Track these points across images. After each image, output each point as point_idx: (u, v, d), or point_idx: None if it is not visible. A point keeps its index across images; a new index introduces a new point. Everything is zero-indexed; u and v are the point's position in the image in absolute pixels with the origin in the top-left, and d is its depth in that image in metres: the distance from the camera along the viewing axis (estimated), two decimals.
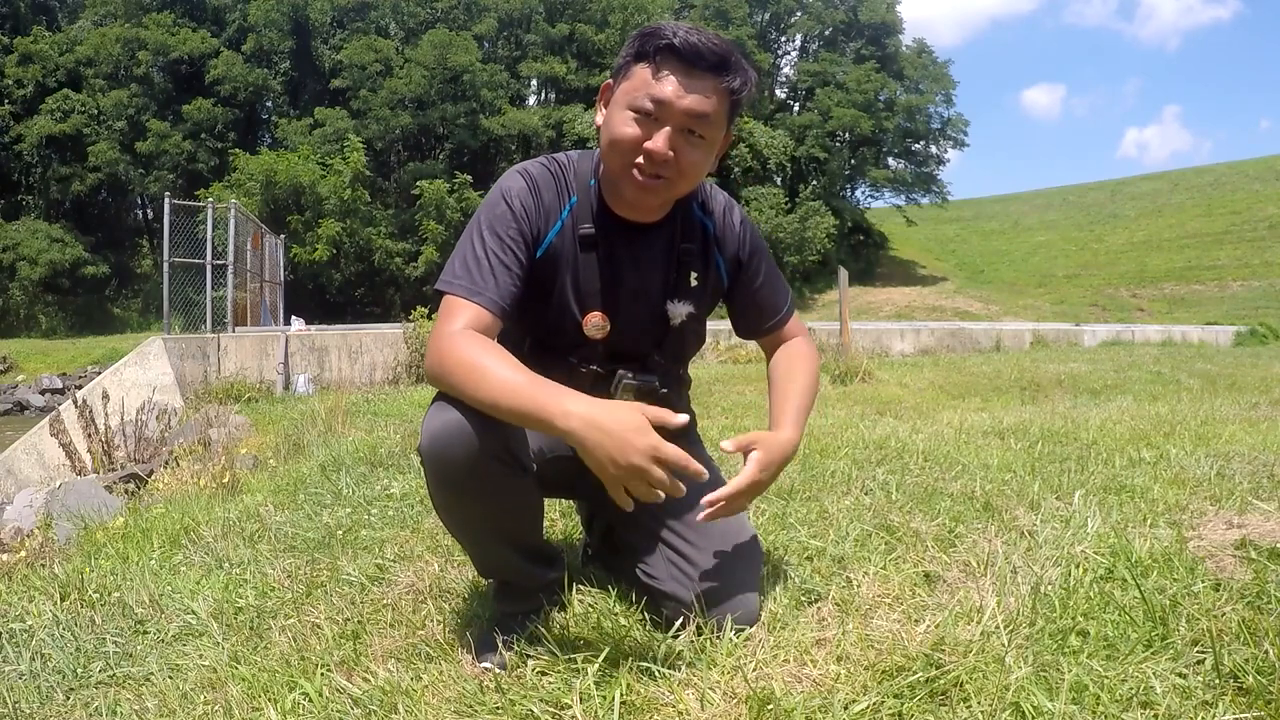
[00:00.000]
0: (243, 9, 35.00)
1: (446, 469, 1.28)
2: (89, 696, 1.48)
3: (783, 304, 1.63)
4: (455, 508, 1.36)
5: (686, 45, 1.31)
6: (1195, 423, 3.97)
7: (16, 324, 29.81)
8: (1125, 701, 1.14)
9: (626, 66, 1.37)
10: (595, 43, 36.00)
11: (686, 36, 1.31)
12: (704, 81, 1.33)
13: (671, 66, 1.32)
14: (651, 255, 1.48)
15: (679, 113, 1.32)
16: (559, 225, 1.44)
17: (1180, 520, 2.04)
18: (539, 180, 1.44)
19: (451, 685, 1.33)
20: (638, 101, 1.34)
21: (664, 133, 1.33)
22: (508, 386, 1.20)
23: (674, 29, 1.32)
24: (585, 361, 1.48)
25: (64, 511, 3.83)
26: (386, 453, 3.53)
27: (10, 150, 32.50)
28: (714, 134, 1.37)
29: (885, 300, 33.23)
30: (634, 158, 1.35)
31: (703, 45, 1.31)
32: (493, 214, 1.40)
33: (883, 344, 12.62)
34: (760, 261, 1.59)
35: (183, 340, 8.81)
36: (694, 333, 1.57)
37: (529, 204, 1.41)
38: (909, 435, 3.61)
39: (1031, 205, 54.95)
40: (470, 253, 1.37)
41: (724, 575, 1.46)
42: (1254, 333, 17.42)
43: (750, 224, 1.60)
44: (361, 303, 29.54)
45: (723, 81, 1.34)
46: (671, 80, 1.32)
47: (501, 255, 1.36)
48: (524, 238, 1.40)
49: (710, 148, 1.38)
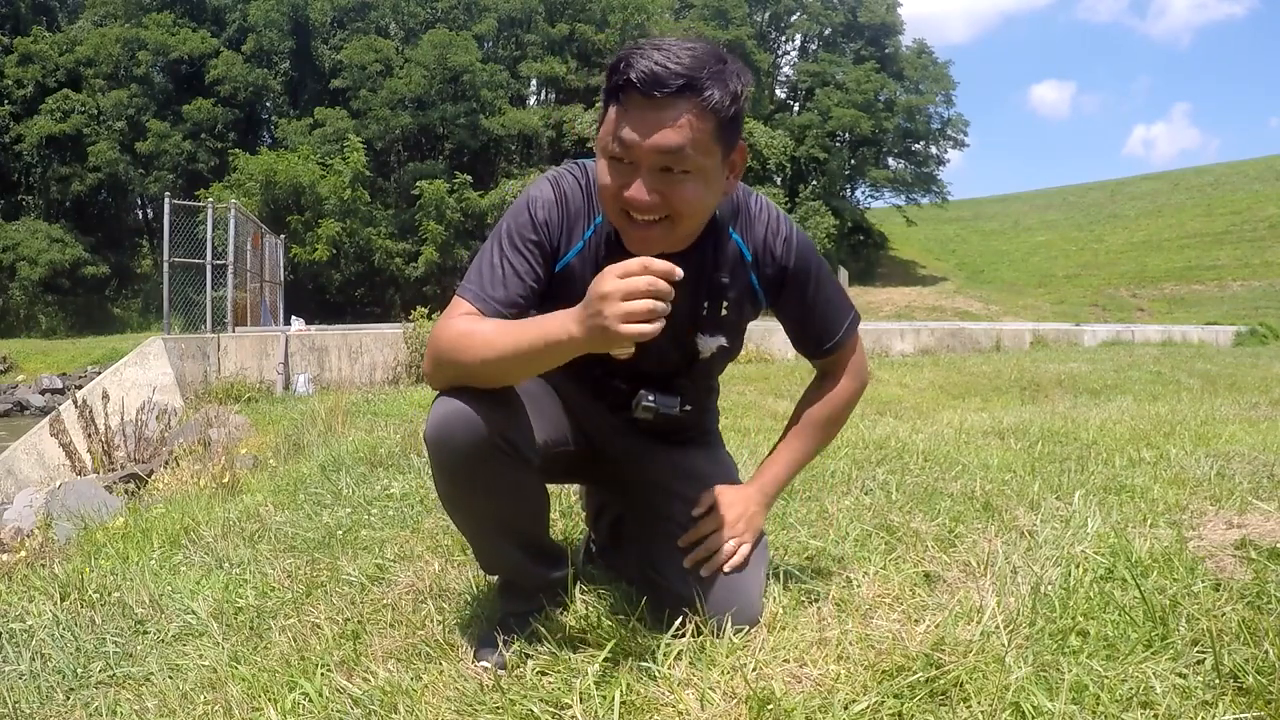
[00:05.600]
0: (243, 9, 34.99)
1: (449, 456, 1.29)
2: (89, 696, 1.48)
3: (830, 334, 1.50)
4: (458, 497, 1.37)
5: (643, 76, 1.18)
6: (1195, 423, 3.98)
7: (16, 324, 29.82)
8: (1125, 701, 1.14)
9: (605, 107, 1.28)
10: (595, 43, 35.99)
11: (644, 65, 1.18)
12: (672, 110, 1.20)
13: (634, 102, 1.21)
14: (679, 286, 1.37)
15: (648, 152, 1.21)
16: (580, 245, 1.39)
17: (1180, 520, 2.04)
18: (568, 194, 1.40)
19: (451, 685, 1.33)
20: (609, 147, 1.25)
21: (640, 177, 1.23)
22: (499, 331, 1.24)
23: (639, 55, 1.20)
24: (609, 376, 1.48)
25: (64, 511, 3.83)
26: (386, 453, 3.53)
27: (10, 150, 32.50)
28: (701, 162, 1.23)
29: (885, 300, 33.20)
30: (622, 205, 1.27)
31: (661, 70, 1.18)
32: (516, 221, 1.38)
33: (883, 344, 12.62)
34: (806, 284, 1.46)
35: (183, 340, 8.81)
36: (724, 360, 1.53)
37: (553, 216, 1.38)
38: (909, 435, 3.61)
39: (1032, 205, 54.98)
40: (487, 259, 1.36)
41: (728, 574, 1.46)
42: (1254, 333, 17.44)
43: (799, 244, 1.45)
44: (361, 303, 29.54)
45: (696, 102, 1.20)
46: (635, 117, 1.21)
47: (515, 264, 1.34)
48: (541, 249, 1.37)
49: (703, 177, 1.25)
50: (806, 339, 1.53)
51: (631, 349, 1.17)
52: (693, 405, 1.50)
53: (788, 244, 1.44)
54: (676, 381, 1.48)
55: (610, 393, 1.49)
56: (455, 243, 29.45)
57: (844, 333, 1.51)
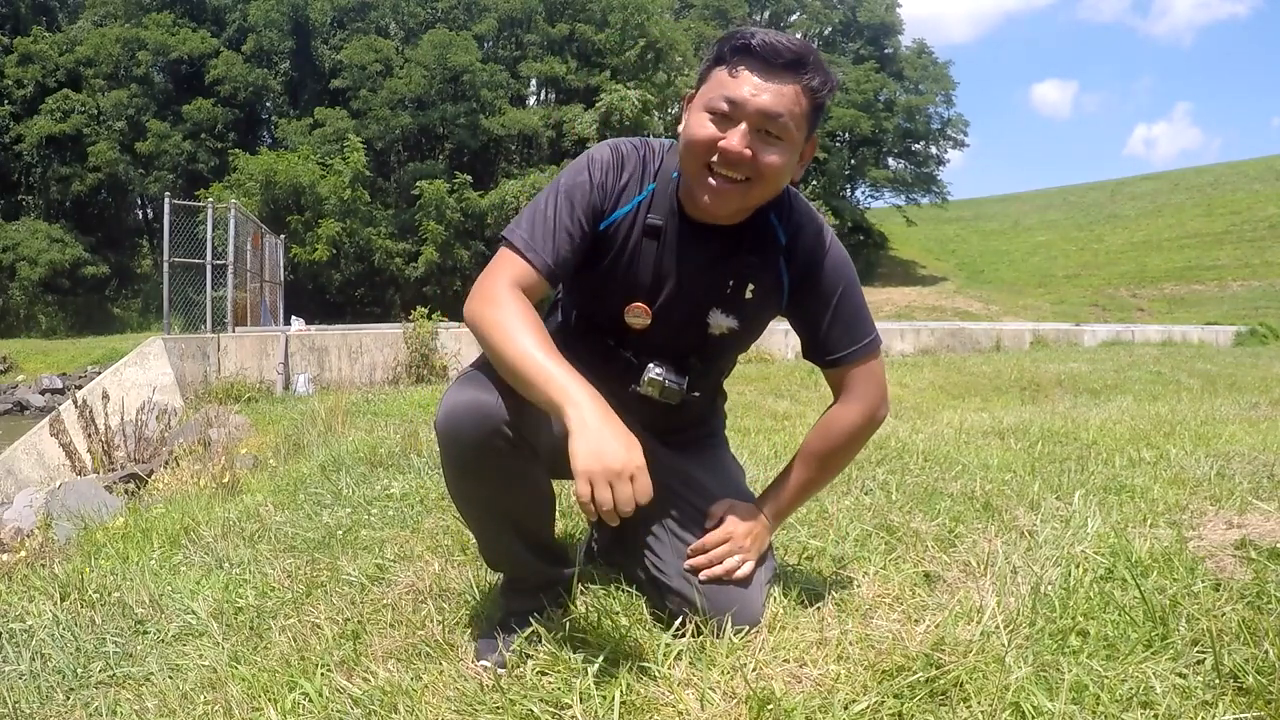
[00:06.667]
0: (243, 9, 34.97)
1: (457, 445, 1.31)
2: (89, 696, 1.48)
3: (842, 345, 1.48)
4: (466, 487, 1.39)
5: (763, 44, 1.29)
6: (1195, 423, 3.98)
7: (16, 324, 29.80)
8: (1125, 701, 1.14)
9: (706, 72, 1.37)
10: (595, 43, 35.96)
11: (764, 36, 1.30)
12: (780, 81, 1.30)
13: (748, 65, 1.31)
14: (709, 260, 1.44)
15: (754, 111, 1.30)
16: (629, 207, 1.44)
17: (1180, 520, 2.05)
18: (626, 158, 1.45)
19: (451, 685, 1.33)
20: (714, 103, 1.32)
21: (739, 130, 1.30)
22: (529, 355, 1.24)
23: (752, 31, 1.31)
24: (621, 347, 1.49)
25: (64, 511, 3.83)
26: (386, 453, 3.53)
27: (10, 150, 32.47)
28: (793, 135, 1.32)
29: (885, 300, 33.21)
30: (709, 158, 1.33)
31: (779, 44, 1.29)
32: (573, 179, 1.42)
33: (883, 344, 12.59)
34: (833, 288, 1.46)
35: (183, 340, 8.81)
36: (733, 346, 1.54)
37: (608, 179, 1.43)
38: (909, 435, 3.61)
39: (1032, 205, 54.98)
40: (540, 209, 1.39)
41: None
42: (1254, 333, 17.44)
43: (833, 247, 1.47)
44: (361, 303, 29.52)
45: (800, 80, 1.30)
46: (747, 79, 1.30)
47: (567, 221, 1.38)
48: (593, 209, 1.41)
49: (790, 150, 1.33)
50: (816, 344, 1.50)
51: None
52: (700, 393, 1.51)
53: (821, 238, 1.47)
54: (688, 361, 1.50)
55: (618, 362, 1.50)
56: (455, 243, 29.43)
57: (856, 350, 1.49)
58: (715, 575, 1.45)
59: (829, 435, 1.53)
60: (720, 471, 1.62)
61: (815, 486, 1.60)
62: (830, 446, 1.53)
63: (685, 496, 1.53)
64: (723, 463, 1.66)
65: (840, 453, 1.55)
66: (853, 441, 1.55)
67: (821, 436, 1.54)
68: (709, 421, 1.68)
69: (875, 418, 1.53)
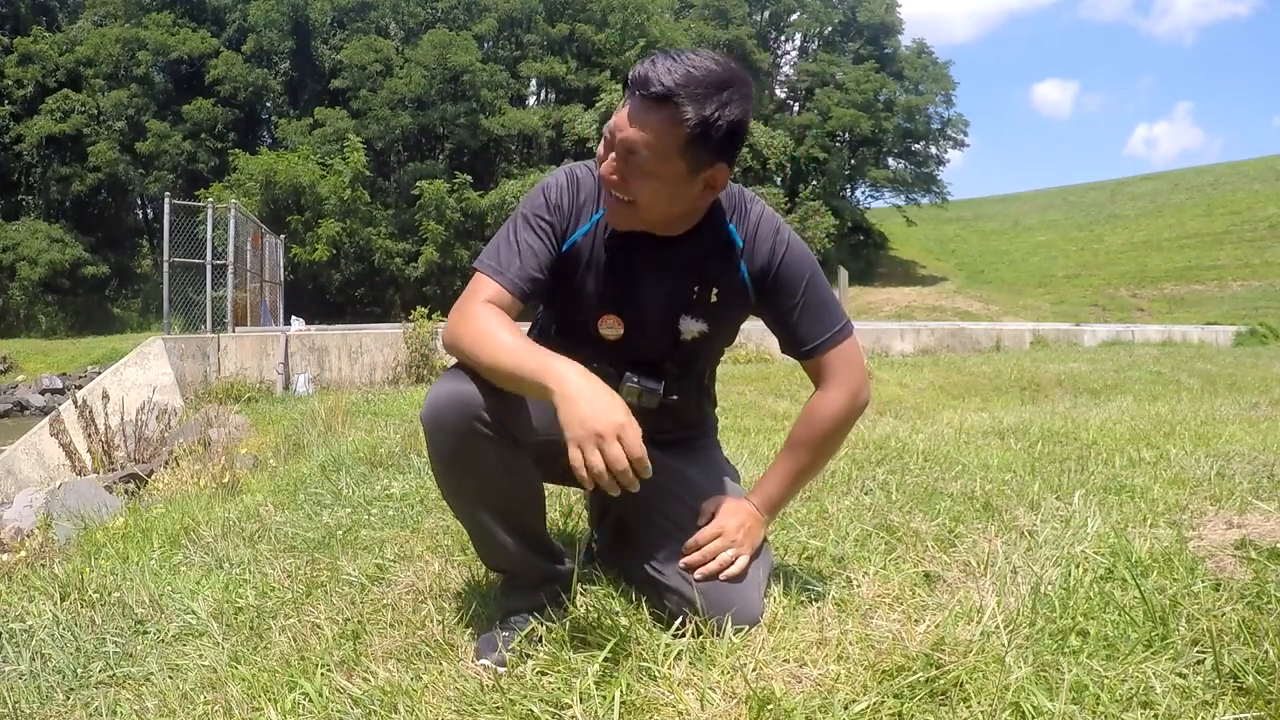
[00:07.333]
0: (243, 9, 34.99)
1: (440, 434, 1.35)
2: (89, 696, 1.48)
3: (813, 336, 1.52)
4: (451, 479, 1.41)
5: (636, 77, 1.32)
6: (1195, 423, 3.98)
7: (16, 324, 29.82)
8: (1125, 701, 1.14)
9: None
10: (595, 43, 35.99)
11: (642, 69, 1.32)
12: (649, 114, 1.31)
13: (631, 95, 1.35)
14: (671, 267, 1.49)
15: (619, 142, 1.35)
16: (588, 226, 1.50)
17: (1180, 520, 2.04)
18: (581, 181, 1.52)
19: (451, 685, 1.33)
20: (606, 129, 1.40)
21: (610, 157, 1.37)
22: (508, 348, 1.30)
23: (651, 59, 1.33)
24: (599, 358, 1.50)
25: (64, 511, 3.83)
26: (386, 453, 3.53)
27: (10, 150, 32.49)
28: (659, 167, 1.33)
29: (885, 300, 33.23)
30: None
31: (652, 77, 1.29)
32: (532, 205, 1.49)
33: (883, 344, 12.62)
34: (796, 282, 1.50)
35: (183, 340, 8.81)
36: (707, 350, 1.58)
37: (564, 200, 1.50)
38: (909, 435, 3.61)
39: (1032, 205, 54.98)
40: (504, 236, 1.47)
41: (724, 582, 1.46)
42: (1254, 333, 17.44)
43: (792, 244, 1.51)
44: (361, 303, 29.54)
45: (670, 113, 1.30)
46: (626, 109, 1.35)
47: (530, 241, 1.45)
48: (554, 228, 1.48)
49: (658, 180, 1.35)
50: (789, 338, 1.55)
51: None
52: (679, 396, 1.54)
53: (778, 237, 1.52)
54: (662, 366, 1.53)
55: (600, 374, 1.51)
56: (455, 243, 29.45)
57: (829, 338, 1.52)
58: (710, 571, 1.45)
59: (813, 423, 1.55)
60: (712, 469, 1.64)
61: (805, 476, 1.61)
62: (815, 434, 1.55)
63: (679, 495, 1.54)
64: (714, 461, 1.68)
65: (826, 439, 1.57)
66: (838, 426, 1.57)
67: (806, 425, 1.56)
68: (697, 424, 1.70)
69: (857, 401, 1.55)
